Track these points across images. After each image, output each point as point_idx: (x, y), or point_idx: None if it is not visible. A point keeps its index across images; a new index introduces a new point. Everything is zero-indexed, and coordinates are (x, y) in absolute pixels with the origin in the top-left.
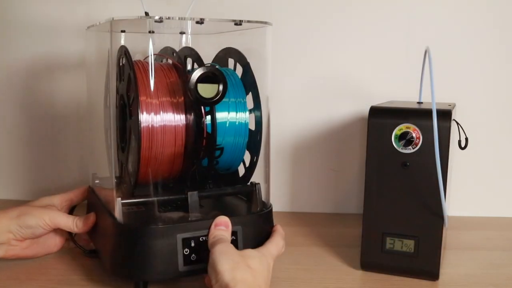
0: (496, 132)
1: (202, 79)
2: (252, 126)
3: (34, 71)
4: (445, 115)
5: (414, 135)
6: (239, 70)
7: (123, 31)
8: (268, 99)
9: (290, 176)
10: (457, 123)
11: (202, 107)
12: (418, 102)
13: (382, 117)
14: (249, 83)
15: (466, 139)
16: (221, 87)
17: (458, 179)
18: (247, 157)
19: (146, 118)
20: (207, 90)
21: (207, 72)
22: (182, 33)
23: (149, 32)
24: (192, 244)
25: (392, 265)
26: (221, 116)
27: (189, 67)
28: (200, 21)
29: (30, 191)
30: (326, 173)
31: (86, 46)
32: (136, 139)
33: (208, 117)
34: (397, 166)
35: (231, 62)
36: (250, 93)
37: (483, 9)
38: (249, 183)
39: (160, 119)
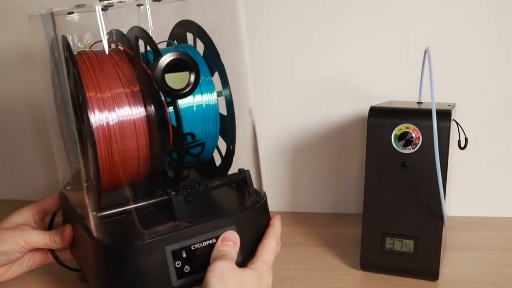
0: (496, 132)
1: (169, 68)
2: (224, 111)
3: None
4: (445, 115)
5: (413, 135)
6: (200, 47)
7: (70, 13)
8: (248, 78)
9: (290, 176)
10: (457, 123)
11: (163, 97)
12: (418, 102)
13: (382, 117)
14: (213, 62)
15: (466, 139)
16: (192, 76)
17: (458, 179)
18: (222, 144)
19: (99, 120)
20: (176, 80)
21: (174, 59)
22: (139, 5)
23: (103, 9)
24: (184, 255)
25: (392, 265)
26: (186, 101)
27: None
28: None
29: None
30: (326, 173)
31: (32, 35)
32: (91, 147)
33: (171, 108)
34: (397, 166)
35: (189, 37)
36: (216, 74)
37: (483, 9)
38: (237, 171)
39: (116, 116)
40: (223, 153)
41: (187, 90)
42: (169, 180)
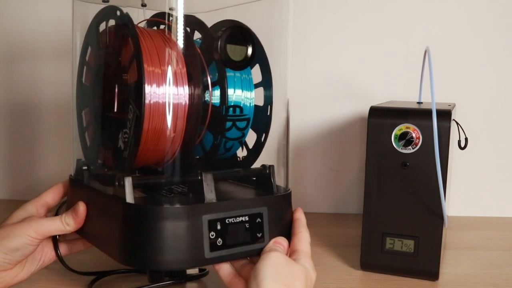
0: (496, 132)
1: (231, 40)
2: (260, 102)
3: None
4: (445, 115)
5: (414, 135)
6: None
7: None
8: (287, 81)
9: (290, 176)
10: (457, 123)
11: (209, 79)
12: (418, 102)
13: (382, 117)
14: (256, 54)
15: (466, 139)
16: (250, 49)
17: (458, 179)
18: (250, 139)
19: (148, 88)
20: (236, 52)
21: (236, 32)
22: (171, 9)
23: (142, 5)
24: (218, 227)
25: (392, 265)
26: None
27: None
28: None
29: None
30: (326, 173)
31: (74, 20)
32: (137, 108)
33: (216, 92)
34: (397, 166)
35: None
36: (258, 66)
37: (483, 9)
38: (261, 166)
39: (163, 90)
40: (250, 148)
41: (245, 62)
42: (200, 161)
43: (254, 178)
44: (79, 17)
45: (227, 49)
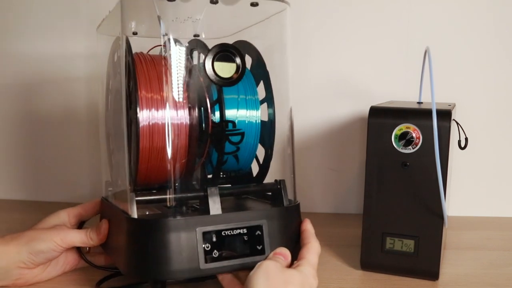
0: (496, 132)
1: (218, 58)
2: (264, 118)
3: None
4: (445, 115)
5: (414, 135)
6: (248, 63)
7: (134, 34)
8: (289, 91)
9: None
10: (457, 123)
11: (208, 103)
12: (418, 102)
13: (382, 117)
14: (259, 73)
15: (466, 139)
16: (239, 66)
17: (458, 179)
18: (259, 153)
19: (146, 113)
20: (224, 69)
21: (223, 50)
22: (196, 36)
23: (164, 35)
24: (214, 239)
25: (392, 265)
26: (229, 114)
27: (195, 61)
28: (215, 1)
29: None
30: (326, 173)
31: (98, 48)
32: (135, 127)
33: (216, 112)
34: (397, 166)
35: None
36: (262, 83)
37: (483, 9)
38: (273, 181)
39: (161, 114)
40: (261, 161)
41: (234, 79)
42: (205, 179)
43: (270, 193)
44: (106, 48)
45: (214, 67)
